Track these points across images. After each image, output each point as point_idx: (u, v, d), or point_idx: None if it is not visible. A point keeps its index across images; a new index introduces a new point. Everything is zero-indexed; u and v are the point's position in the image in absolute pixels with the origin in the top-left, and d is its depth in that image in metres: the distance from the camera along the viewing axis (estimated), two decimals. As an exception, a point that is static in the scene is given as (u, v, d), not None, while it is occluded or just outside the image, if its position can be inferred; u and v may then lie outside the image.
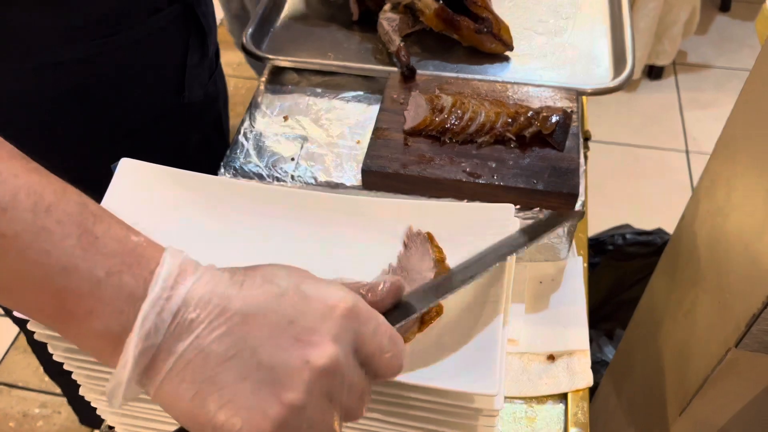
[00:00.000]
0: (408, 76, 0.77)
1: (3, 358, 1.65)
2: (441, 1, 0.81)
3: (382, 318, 0.37)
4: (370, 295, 0.39)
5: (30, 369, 1.61)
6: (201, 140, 0.87)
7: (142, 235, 0.35)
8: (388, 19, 0.82)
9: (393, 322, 0.39)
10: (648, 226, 1.50)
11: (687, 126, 2.21)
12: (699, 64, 2.43)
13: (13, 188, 0.32)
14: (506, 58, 0.83)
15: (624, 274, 1.50)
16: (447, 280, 0.45)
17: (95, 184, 0.73)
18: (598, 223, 1.57)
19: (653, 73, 2.36)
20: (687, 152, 2.12)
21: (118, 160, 0.71)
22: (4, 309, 0.90)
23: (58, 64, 0.63)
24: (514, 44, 0.83)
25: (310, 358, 0.33)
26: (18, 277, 0.32)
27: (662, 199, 1.96)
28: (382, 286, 0.40)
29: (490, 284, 0.49)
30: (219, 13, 1.51)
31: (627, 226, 1.52)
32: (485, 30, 0.80)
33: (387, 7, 0.84)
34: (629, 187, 2.04)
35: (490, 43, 0.81)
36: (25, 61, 0.62)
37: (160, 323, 0.33)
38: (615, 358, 1.20)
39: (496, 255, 0.47)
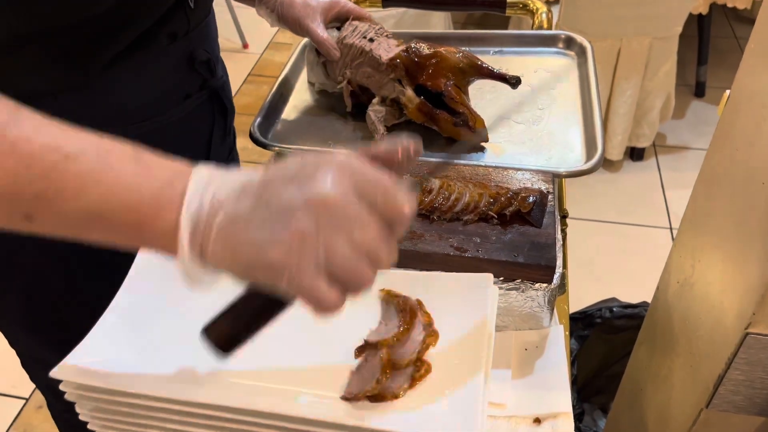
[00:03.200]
0: None
1: (1, 437, 1.65)
2: (422, 97, 0.90)
3: (377, 170, 0.45)
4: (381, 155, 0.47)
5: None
6: None
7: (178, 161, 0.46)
8: (375, 111, 0.91)
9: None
10: (635, 299, 1.55)
11: (669, 204, 2.30)
12: (678, 146, 2.56)
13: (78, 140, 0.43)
14: (482, 148, 0.91)
15: (613, 347, 1.53)
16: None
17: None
18: (586, 298, 1.61)
19: (635, 154, 2.48)
20: (671, 229, 2.20)
21: None
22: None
23: None
24: (496, 132, 0.92)
25: (308, 195, 0.41)
26: (104, 203, 0.43)
27: (647, 273, 2.01)
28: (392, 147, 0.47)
29: (472, 347, 0.55)
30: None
31: (613, 299, 1.56)
32: (461, 123, 0.89)
33: (376, 100, 0.93)
34: (616, 263, 2.11)
35: (466, 135, 0.90)
36: None
37: (200, 206, 0.42)
38: (605, 427, 1.23)
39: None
